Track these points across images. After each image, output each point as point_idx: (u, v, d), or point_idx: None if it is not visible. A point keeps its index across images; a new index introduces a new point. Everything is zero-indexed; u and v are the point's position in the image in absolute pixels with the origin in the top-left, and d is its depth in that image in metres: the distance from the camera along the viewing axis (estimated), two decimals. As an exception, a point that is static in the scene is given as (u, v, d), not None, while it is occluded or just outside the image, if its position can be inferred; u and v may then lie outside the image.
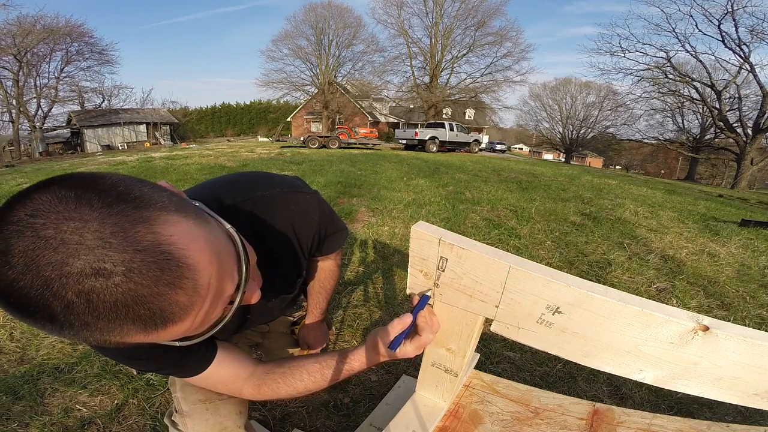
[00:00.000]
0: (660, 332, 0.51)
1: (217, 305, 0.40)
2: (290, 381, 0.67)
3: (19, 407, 1.24)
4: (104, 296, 0.31)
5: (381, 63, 30.46)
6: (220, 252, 0.39)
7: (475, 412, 0.79)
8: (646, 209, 4.32)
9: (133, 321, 0.33)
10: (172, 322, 0.35)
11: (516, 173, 7.48)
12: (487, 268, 0.58)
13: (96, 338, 0.33)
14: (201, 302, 0.37)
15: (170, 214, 0.35)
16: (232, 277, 0.42)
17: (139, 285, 0.32)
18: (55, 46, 22.87)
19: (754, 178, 21.68)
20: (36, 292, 0.30)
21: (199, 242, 0.36)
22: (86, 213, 0.31)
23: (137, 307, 0.32)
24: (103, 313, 0.31)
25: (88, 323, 0.31)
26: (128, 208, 0.33)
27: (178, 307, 0.35)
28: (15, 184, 5.09)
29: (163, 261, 0.33)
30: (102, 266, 0.30)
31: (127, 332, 0.34)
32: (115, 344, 0.35)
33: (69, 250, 0.30)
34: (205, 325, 0.41)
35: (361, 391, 1.37)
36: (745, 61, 18.17)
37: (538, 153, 43.03)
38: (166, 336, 0.37)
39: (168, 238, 0.34)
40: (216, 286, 0.38)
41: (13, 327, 1.70)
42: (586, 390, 1.43)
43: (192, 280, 0.35)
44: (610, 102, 29.33)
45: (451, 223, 3.49)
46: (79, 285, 0.30)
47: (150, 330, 0.34)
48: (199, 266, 0.35)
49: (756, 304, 2.14)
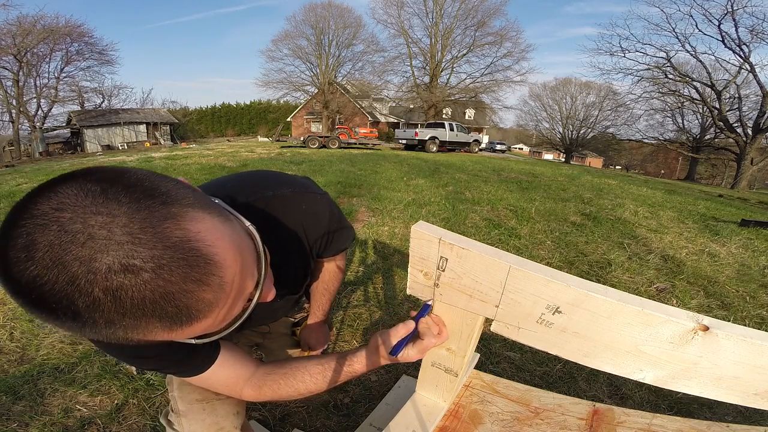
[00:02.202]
0: (660, 332, 0.51)
1: (238, 302, 0.41)
2: (291, 382, 0.67)
3: (19, 407, 1.24)
4: (132, 293, 0.30)
5: (381, 63, 30.49)
6: (242, 249, 0.39)
7: (475, 412, 0.79)
8: (646, 209, 4.32)
9: (160, 318, 0.33)
10: (197, 319, 0.35)
11: (516, 173, 7.48)
12: (487, 268, 0.58)
13: (118, 335, 0.33)
14: (225, 299, 0.37)
15: (196, 210, 0.35)
16: (252, 274, 0.42)
17: (167, 282, 0.31)
18: (55, 46, 22.87)
19: (754, 178, 21.67)
20: (60, 288, 0.29)
21: (225, 239, 0.37)
22: (114, 208, 0.30)
23: (165, 304, 0.32)
24: (130, 311, 0.31)
25: (113, 321, 0.31)
26: (156, 204, 0.32)
27: (204, 305, 0.35)
28: (15, 185, 5.09)
29: (192, 258, 0.33)
30: (131, 262, 0.30)
31: (151, 330, 0.33)
32: (135, 342, 0.35)
33: (97, 245, 0.29)
34: (226, 321, 0.41)
35: (361, 391, 1.37)
36: (745, 61, 18.18)
37: (538, 153, 43.03)
38: (188, 333, 0.37)
39: (196, 234, 0.33)
40: (239, 283, 0.39)
41: (13, 327, 1.70)
42: (586, 390, 1.43)
43: (218, 277, 0.35)
44: (610, 102, 29.35)
45: (451, 223, 3.49)
46: (107, 281, 0.29)
47: (175, 327, 0.34)
48: (225, 263, 0.36)
49: (756, 304, 2.14)
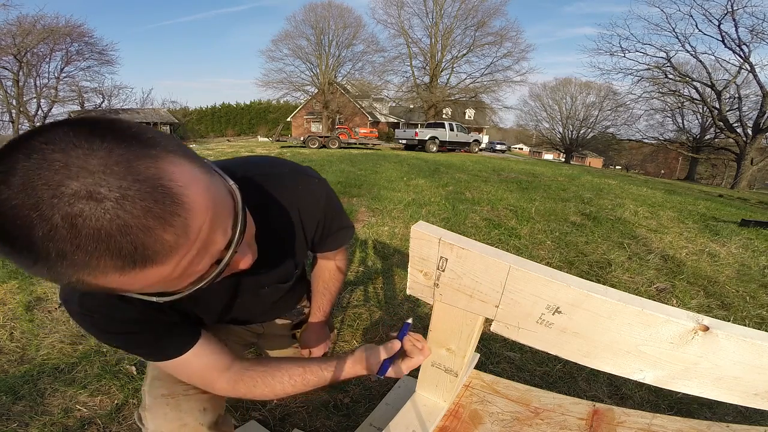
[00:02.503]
0: (660, 332, 0.51)
1: (203, 257, 0.39)
2: (269, 381, 0.65)
3: (19, 407, 1.24)
4: (90, 222, 0.30)
5: (381, 63, 30.50)
6: (217, 201, 0.39)
7: (475, 412, 0.79)
8: (646, 209, 4.32)
9: (112, 254, 0.31)
10: (152, 261, 0.34)
11: (516, 173, 7.48)
12: (487, 268, 0.58)
13: (68, 275, 0.32)
14: (188, 247, 0.36)
15: (177, 156, 0.36)
16: (224, 230, 0.40)
17: (128, 213, 0.31)
18: (55, 46, 22.85)
19: (754, 178, 21.67)
20: (24, 213, 0.29)
21: (199, 185, 0.36)
22: (96, 143, 0.31)
23: (120, 238, 0.31)
24: (84, 242, 0.30)
25: (64, 253, 0.30)
26: (137, 145, 0.33)
27: (162, 246, 0.33)
28: (15, 184, 5.09)
29: (159, 194, 0.32)
30: (98, 190, 0.30)
31: (103, 268, 0.32)
32: (87, 286, 0.34)
33: (70, 172, 0.30)
34: (187, 278, 0.40)
35: (361, 391, 1.37)
36: (745, 61, 18.17)
37: (538, 153, 43.04)
38: (142, 280, 0.35)
39: (170, 174, 0.34)
40: (206, 235, 0.37)
41: (13, 327, 1.70)
42: (586, 390, 1.43)
43: (183, 219, 0.34)
44: (610, 102, 29.35)
45: (451, 223, 3.49)
46: (68, 207, 0.29)
47: (127, 268, 0.33)
48: (193, 207, 0.35)
49: (756, 304, 2.14)
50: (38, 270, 0.32)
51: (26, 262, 0.31)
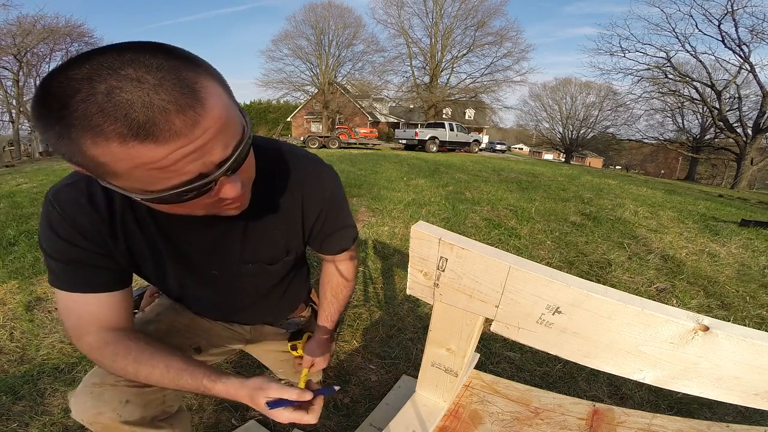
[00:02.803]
0: (660, 332, 0.51)
1: (197, 160, 0.43)
2: (140, 359, 0.61)
3: (19, 407, 1.24)
4: (125, 94, 0.37)
5: (381, 63, 30.45)
6: (229, 119, 0.44)
7: (475, 412, 0.79)
8: (646, 209, 4.32)
9: (125, 121, 0.37)
10: (154, 137, 0.39)
11: (516, 173, 7.48)
12: (487, 268, 0.58)
13: (78, 136, 0.38)
14: (189, 139, 0.41)
15: (213, 79, 0.44)
16: (225, 146, 0.45)
17: (156, 95, 0.38)
18: (55, 46, 22.84)
19: (754, 178, 21.67)
20: (76, 84, 0.37)
21: (220, 99, 0.43)
22: (161, 54, 0.40)
23: (140, 110, 0.37)
24: (109, 107, 0.37)
25: (89, 114, 0.37)
26: (191, 63, 0.42)
27: (168, 127, 0.39)
28: (15, 184, 5.09)
29: (187, 89, 0.40)
30: (145, 77, 0.38)
31: (108, 134, 0.38)
32: (83, 156, 0.40)
33: (133, 64, 0.38)
34: (173, 176, 0.43)
35: (361, 391, 1.37)
36: (745, 61, 18.16)
37: (538, 153, 43.04)
38: (135, 156, 0.39)
39: (202, 83, 0.41)
40: (209, 139, 0.42)
41: (13, 327, 1.70)
42: (586, 390, 1.43)
43: (196, 114, 0.40)
44: (610, 102, 29.32)
45: (451, 223, 3.49)
46: (115, 81, 0.37)
47: (129, 137, 0.38)
48: (208, 111, 0.41)
49: (756, 304, 2.14)
50: (56, 131, 0.39)
51: (50, 121, 0.38)
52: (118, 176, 0.42)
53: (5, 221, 3.13)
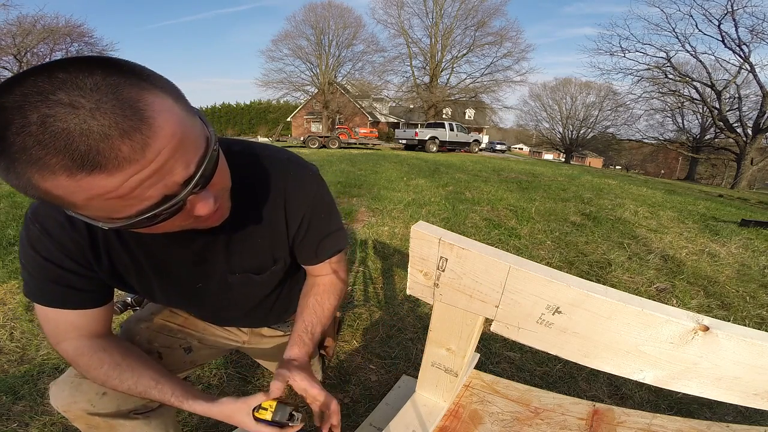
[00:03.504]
0: (660, 332, 0.51)
1: (156, 184, 0.40)
2: (111, 374, 0.62)
3: (19, 407, 1.24)
4: (59, 122, 0.34)
5: (381, 63, 30.49)
6: (185, 134, 0.41)
7: (475, 412, 0.79)
8: (646, 209, 4.32)
9: (66, 153, 0.34)
10: (102, 168, 0.36)
11: (516, 173, 7.48)
12: (487, 268, 0.58)
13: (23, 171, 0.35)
14: (141, 165, 0.38)
15: (163, 92, 0.40)
16: (187, 164, 0.42)
17: (95, 121, 0.35)
18: (55, 46, 22.85)
19: (754, 178, 21.68)
20: (9, 114, 0.34)
21: (171, 115, 0.39)
22: (98, 71, 0.36)
23: (78, 140, 0.34)
24: (45, 138, 0.34)
25: (26, 147, 0.34)
26: (134, 77, 0.38)
27: (115, 155, 0.36)
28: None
29: (129, 111, 0.36)
30: (78, 100, 0.34)
31: (53, 167, 0.35)
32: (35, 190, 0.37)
33: (64, 86, 0.35)
34: (134, 203, 0.40)
35: (361, 391, 1.37)
36: (745, 61, 18.17)
37: (538, 153, 43.05)
38: (87, 188, 0.37)
39: (147, 101, 0.37)
40: (165, 161, 0.39)
41: (13, 327, 1.70)
42: (586, 390, 1.43)
43: (144, 137, 0.37)
44: (610, 102, 29.36)
45: (451, 223, 3.49)
46: (46, 108, 0.34)
47: (75, 170, 0.35)
48: (158, 131, 0.38)
49: (756, 304, 2.14)
50: (2, 165, 0.36)
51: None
52: (78, 207, 0.40)
53: (5, 221, 3.13)
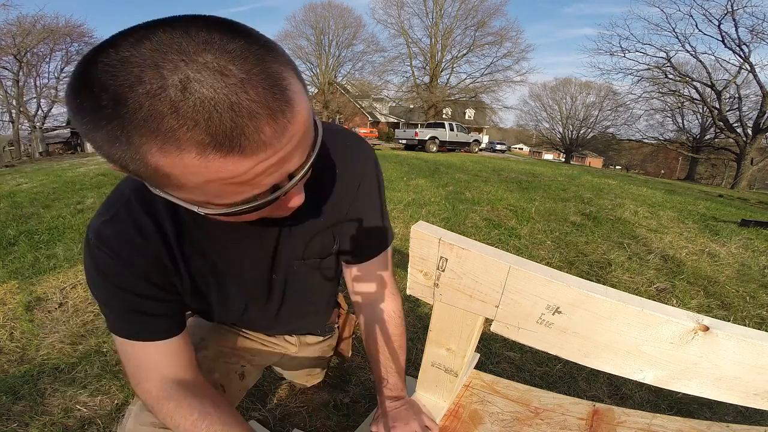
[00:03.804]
0: (660, 332, 0.51)
1: (274, 173, 0.37)
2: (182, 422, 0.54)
3: (19, 407, 1.24)
4: (205, 89, 0.29)
5: (381, 63, 30.52)
6: (309, 122, 0.38)
7: (475, 412, 0.79)
8: (646, 209, 4.32)
9: (207, 128, 0.30)
10: (240, 149, 0.32)
11: (516, 173, 7.48)
12: (487, 268, 0.58)
13: (139, 142, 0.30)
14: (274, 150, 0.34)
15: (295, 73, 0.36)
16: (302, 154, 0.39)
17: (246, 94, 0.30)
18: (55, 46, 22.84)
19: (754, 178, 21.67)
20: (137, 69, 0.28)
21: (303, 99, 0.36)
22: (238, 36, 0.32)
23: (225, 114, 0.30)
24: (186, 107, 0.29)
25: (158, 113, 0.29)
26: (272, 51, 0.34)
27: (257, 137, 0.32)
28: (15, 184, 5.09)
29: (278, 90, 0.32)
30: (228, 66, 0.30)
31: (184, 143, 0.30)
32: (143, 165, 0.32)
33: (211, 48, 0.30)
34: (247, 190, 0.37)
35: (361, 391, 1.37)
36: (745, 61, 18.17)
37: (538, 153, 43.04)
38: (214, 170, 0.32)
39: (290, 83, 0.34)
40: (291, 150, 0.36)
41: (13, 327, 1.70)
42: (586, 390, 1.43)
43: (286, 120, 0.34)
44: (610, 102, 29.38)
45: (451, 223, 3.49)
46: (192, 72, 0.29)
47: (211, 149, 0.31)
48: (296, 116, 0.35)
49: (756, 304, 2.14)
50: (107, 132, 0.30)
51: (100, 118, 0.30)
52: (182, 188, 0.35)
53: (5, 221, 3.13)
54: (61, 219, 3.23)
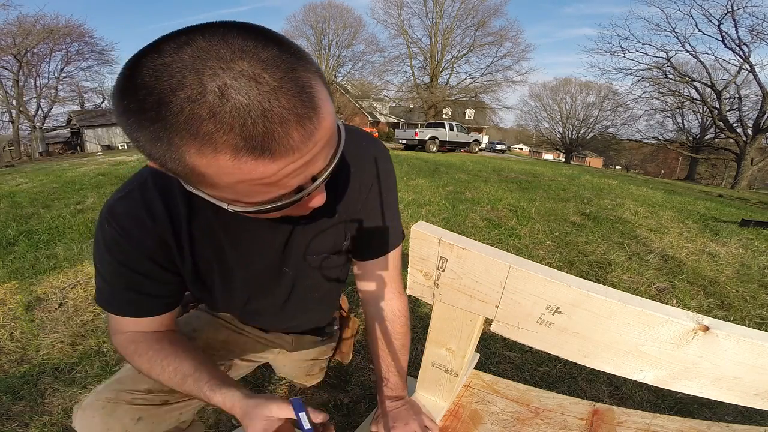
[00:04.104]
0: (660, 332, 0.51)
1: (299, 175, 0.39)
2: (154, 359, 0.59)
3: (19, 407, 1.24)
4: (241, 96, 0.31)
5: (381, 63, 30.51)
6: (333, 127, 0.40)
7: (475, 412, 0.79)
8: (646, 209, 4.32)
9: (242, 132, 0.32)
10: (270, 153, 0.34)
11: (516, 173, 7.48)
12: (487, 268, 0.58)
13: (178, 144, 0.33)
14: (301, 154, 0.36)
15: (321, 79, 0.38)
16: (325, 157, 0.41)
17: (276, 101, 0.32)
18: (55, 46, 22.85)
19: (754, 178, 21.68)
20: (180, 74, 0.31)
21: (329, 106, 0.38)
22: (270, 44, 0.34)
23: (257, 120, 0.32)
24: (223, 113, 0.31)
25: (197, 118, 0.31)
26: (300, 58, 0.36)
27: (286, 141, 0.34)
28: (15, 185, 5.09)
29: (307, 96, 0.34)
30: (261, 74, 0.32)
31: (220, 145, 0.33)
32: (181, 164, 0.35)
33: (246, 56, 0.32)
34: (273, 190, 0.39)
35: (361, 391, 1.37)
36: (745, 61, 18.17)
37: (538, 153, 43.05)
38: (246, 171, 0.35)
39: (317, 90, 0.36)
40: (316, 153, 0.38)
41: (13, 327, 1.70)
42: (586, 390, 1.43)
43: (313, 126, 0.36)
44: (610, 102, 29.38)
45: (451, 223, 3.49)
46: (229, 79, 0.31)
47: (244, 153, 0.33)
48: (323, 121, 0.37)
49: (756, 304, 2.14)
50: (150, 133, 0.33)
51: (144, 120, 0.32)
52: (214, 187, 0.38)
53: (5, 221, 3.13)
54: (61, 219, 3.23)
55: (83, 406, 0.63)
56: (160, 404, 0.65)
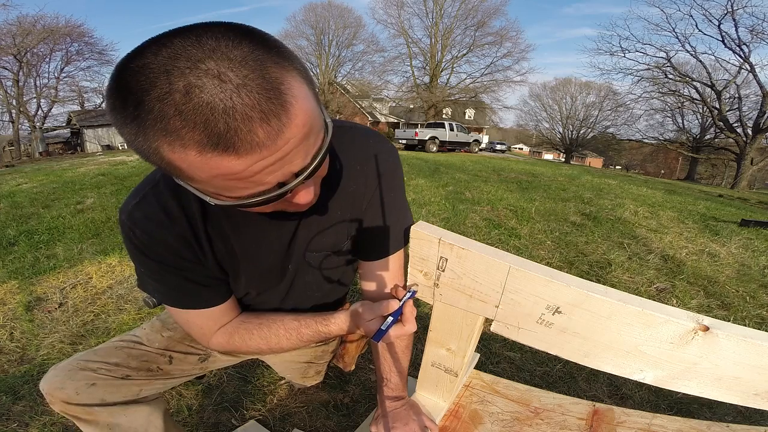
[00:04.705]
0: (660, 332, 0.51)
1: (276, 172, 0.40)
2: (265, 333, 0.65)
3: (19, 407, 1.24)
4: (204, 95, 0.33)
5: (381, 63, 30.49)
6: (312, 125, 0.40)
7: (475, 412, 0.79)
8: (646, 209, 4.32)
9: (204, 129, 0.34)
10: (234, 150, 0.35)
11: (516, 173, 7.47)
12: (487, 268, 0.58)
13: (153, 138, 0.35)
14: (270, 151, 0.37)
15: (300, 75, 0.39)
16: (306, 155, 0.41)
17: (240, 99, 0.34)
18: (55, 46, 22.83)
19: (754, 178, 21.68)
20: (154, 75, 0.33)
21: (306, 104, 0.38)
22: (245, 42, 0.35)
23: (219, 117, 0.33)
24: (186, 110, 0.33)
25: (164, 115, 0.33)
26: (277, 55, 0.37)
27: (250, 139, 0.35)
28: (15, 185, 5.09)
29: (273, 94, 0.35)
30: (226, 73, 0.33)
31: (186, 141, 0.34)
32: (160, 159, 0.37)
33: (213, 55, 0.34)
34: (250, 186, 0.40)
35: (361, 391, 1.37)
36: (745, 61, 18.16)
37: (538, 153, 43.04)
38: (214, 167, 0.36)
39: (288, 84, 0.36)
40: (290, 151, 0.39)
41: (13, 327, 1.70)
42: (586, 390, 1.43)
43: (281, 124, 0.36)
44: (610, 102, 29.35)
45: (451, 223, 3.49)
46: (194, 78, 0.33)
47: (208, 148, 0.35)
48: (293, 118, 0.37)
49: (756, 304, 2.14)
50: (131, 128, 0.35)
51: (126, 117, 0.35)
52: (194, 180, 0.40)
53: (5, 221, 3.13)
54: (61, 219, 3.23)
55: (56, 366, 0.68)
56: (120, 377, 0.69)
